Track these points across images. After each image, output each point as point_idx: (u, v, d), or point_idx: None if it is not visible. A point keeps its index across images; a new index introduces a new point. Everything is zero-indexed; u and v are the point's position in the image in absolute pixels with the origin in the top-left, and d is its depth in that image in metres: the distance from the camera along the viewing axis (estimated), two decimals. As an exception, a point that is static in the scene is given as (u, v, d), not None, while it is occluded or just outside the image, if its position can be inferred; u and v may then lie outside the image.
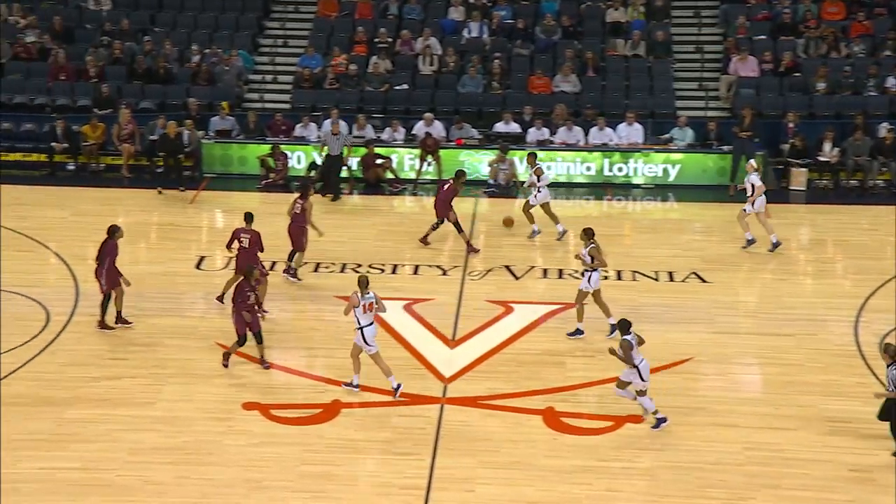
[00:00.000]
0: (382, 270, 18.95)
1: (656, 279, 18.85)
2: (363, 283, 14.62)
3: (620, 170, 23.77)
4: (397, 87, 25.54)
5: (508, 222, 20.57)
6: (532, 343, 16.40)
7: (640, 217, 22.38)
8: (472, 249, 19.50)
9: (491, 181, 23.18)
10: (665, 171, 23.70)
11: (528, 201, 20.23)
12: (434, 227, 19.70)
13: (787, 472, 13.20)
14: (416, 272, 18.97)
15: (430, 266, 19.16)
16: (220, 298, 17.08)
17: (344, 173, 22.63)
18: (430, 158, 23.36)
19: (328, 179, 22.26)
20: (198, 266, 18.98)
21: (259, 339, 15.31)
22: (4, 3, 26.64)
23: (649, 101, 25.38)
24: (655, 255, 19.81)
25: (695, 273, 19.06)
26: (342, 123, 23.01)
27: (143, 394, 14.75)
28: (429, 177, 23.39)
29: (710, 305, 17.78)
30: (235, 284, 15.54)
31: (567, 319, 16.86)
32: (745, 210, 19.69)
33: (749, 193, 19.56)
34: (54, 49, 25.35)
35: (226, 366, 15.32)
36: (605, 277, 18.83)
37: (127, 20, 26.51)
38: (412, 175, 23.44)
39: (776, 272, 19.25)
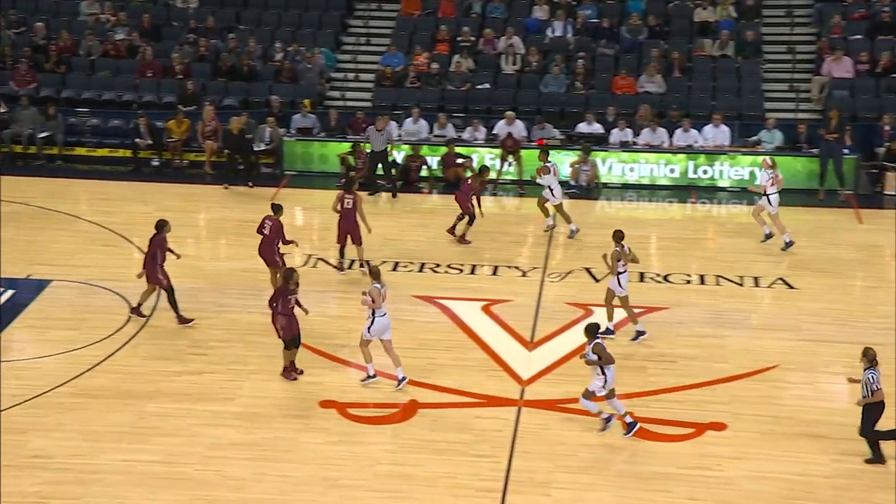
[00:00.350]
0: (461, 270, 19.00)
1: (741, 284, 18.59)
2: (376, 274, 14.92)
3: (705, 172, 23.48)
4: (479, 87, 25.58)
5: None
6: (612, 347, 16.25)
7: (725, 221, 22.08)
8: (463, 241, 19.71)
9: (572, 182, 23.09)
10: (752, 174, 23.35)
11: (543, 196, 20.31)
12: (460, 219, 19.79)
13: (878, 486, 12.91)
14: (494, 273, 18.98)
15: (509, 267, 19.15)
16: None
17: (382, 171, 22.72)
18: (510, 159, 23.35)
19: (370, 175, 22.37)
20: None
21: (288, 346, 15.12)
22: (97, 2, 27.27)
23: (737, 102, 25.03)
24: (740, 259, 19.54)
25: (781, 279, 18.75)
26: (392, 124, 23.32)
27: (222, 389, 15.00)
28: (509, 177, 23.37)
29: (798, 312, 17.48)
30: (276, 289, 15.52)
31: (648, 323, 16.71)
32: (759, 205, 19.90)
33: (764, 191, 19.72)
34: (142, 46, 25.88)
35: (293, 378, 15.30)
36: (688, 281, 18.65)
37: (213, 18, 26.97)
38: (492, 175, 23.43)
39: (868, 279, 18.85)
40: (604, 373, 13.83)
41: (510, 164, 23.34)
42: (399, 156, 23.56)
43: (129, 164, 23.69)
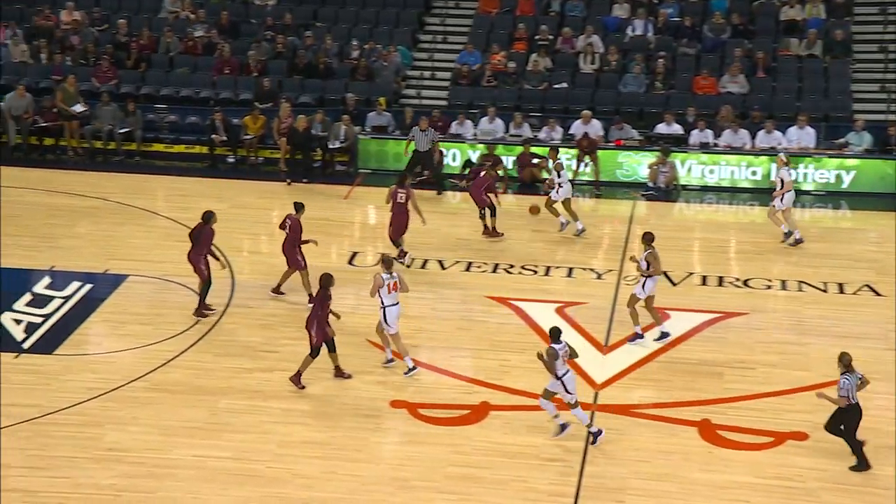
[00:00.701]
0: (535, 272, 18.91)
1: (824, 290, 18.22)
2: (387, 264, 15.23)
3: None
4: (556, 86, 25.45)
5: (535, 210, 20.54)
6: (688, 352, 16.09)
7: (809, 225, 21.65)
8: (494, 234, 19.84)
9: (650, 184, 22.85)
10: (838, 177, 22.88)
11: (549, 196, 20.21)
12: (482, 217, 19.86)
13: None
14: (569, 275, 18.86)
15: (584, 269, 19.02)
16: (277, 290, 17.54)
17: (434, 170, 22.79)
18: (587, 159, 23.17)
19: (409, 172, 22.21)
20: (350, 262, 19.33)
21: (315, 353, 15.07)
22: (179, 1, 27.69)
23: (823, 103, 24.54)
24: (824, 265, 19.15)
25: (868, 285, 18.34)
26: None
27: (293, 387, 15.10)
28: (585, 178, 23.21)
29: (884, 320, 17.08)
30: (315, 296, 15.37)
31: (727, 329, 16.46)
32: (773, 206, 19.72)
33: (778, 188, 19.49)
34: (220, 44, 26.23)
35: (346, 375, 15.26)
36: (769, 287, 18.33)
37: (290, 15, 27.22)
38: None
39: (959, 287, 18.36)
40: (559, 378, 13.59)
41: (586, 165, 23.17)
42: (474, 155, 23.54)
43: (205, 161, 24.03)
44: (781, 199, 19.64)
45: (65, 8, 27.10)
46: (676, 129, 23.78)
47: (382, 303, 15.24)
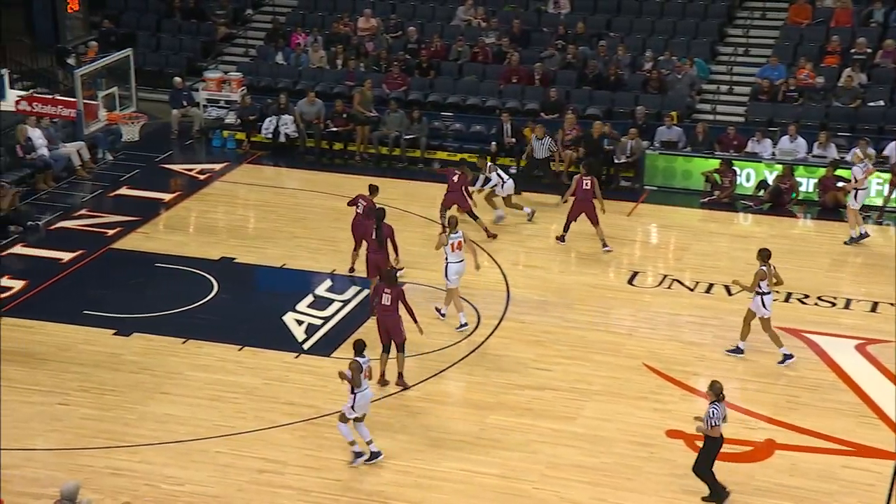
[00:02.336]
0: (833, 304, 18.09)
1: None
2: (452, 224, 17.06)
3: None
4: (871, 104, 24.23)
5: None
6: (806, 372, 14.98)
7: None
8: (490, 235, 20.41)
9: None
10: None
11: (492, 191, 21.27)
12: (477, 220, 20.33)
13: None
14: (873, 309, 17.90)
15: (891, 304, 17.98)
16: (351, 269, 18.70)
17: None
18: (901, 184, 21.89)
19: (525, 176, 22.82)
20: (630, 281, 19.19)
21: (387, 351, 15.46)
22: (472, 7, 28.50)
23: None
24: None
25: None
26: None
27: (565, 408, 15.17)
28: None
29: None
30: (374, 286, 15.86)
31: None
32: (849, 205, 19.77)
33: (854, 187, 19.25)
34: (510, 52, 26.73)
35: (385, 382, 15.55)
36: None
37: (583, 24, 27.38)
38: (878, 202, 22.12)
39: None
40: (353, 393, 13.60)
41: (900, 191, 21.88)
42: (770, 176, 22.80)
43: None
44: (855, 198, 19.86)
45: (362, 15, 28.46)
46: None
47: (447, 259, 16.87)
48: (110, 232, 20.49)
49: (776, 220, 21.82)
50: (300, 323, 17.60)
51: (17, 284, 18.63)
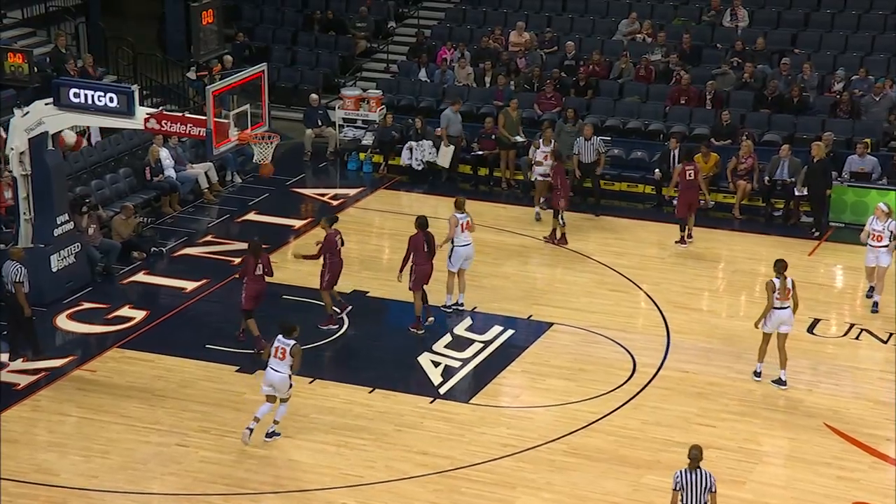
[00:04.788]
0: None
1: None
2: (459, 204, 18.84)
3: None
4: None
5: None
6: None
7: None
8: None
9: None
10: None
11: None
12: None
13: None
14: None
15: None
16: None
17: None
18: None
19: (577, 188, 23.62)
20: (810, 330, 18.86)
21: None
22: (637, 22, 28.42)
23: None
24: None
25: None
26: (598, 139, 23.85)
27: (731, 470, 15.01)
28: None
29: None
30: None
31: None
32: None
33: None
34: (678, 70, 26.59)
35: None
36: None
37: (763, 39, 27.08)
38: None
39: None
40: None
41: None
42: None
43: (649, 202, 24.33)
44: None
45: (514, 28, 28.67)
46: None
47: (453, 242, 18.62)
48: (236, 260, 21.12)
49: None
50: (437, 364, 17.84)
51: (139, 315, 19.39)
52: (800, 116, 25.32)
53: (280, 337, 15.54)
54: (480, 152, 25.35)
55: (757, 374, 17.23)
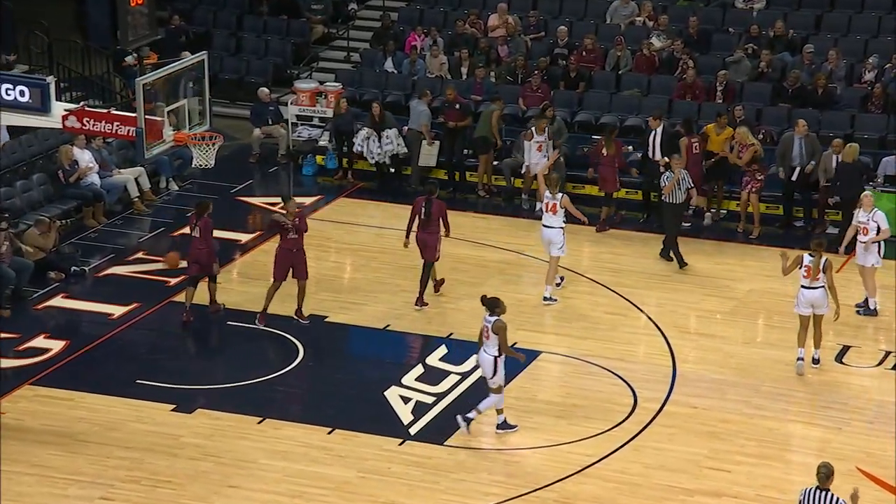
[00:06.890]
0: None
1: None
2: (553, 184, 20.28)
3: None
4: None
5: None
6: None
7: None
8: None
9: None
10: None
11: None
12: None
13: None
14: None
15: None
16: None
17: None
18: None
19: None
20: (839, 359, 18.95)
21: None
22: (633, 2, 28.48)
23: None
24: None
25: None
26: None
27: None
28: None
29: None
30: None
31: None
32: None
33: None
34: (684, 58, 26.63)
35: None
36: None
37: (782, 23, 27.18)
38: None
39: None
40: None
41: None
42: None
43: (642, 213, 24.26)
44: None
45: (494, 11, 28.51)
46: None
47: (544, 223, 20.28)
48: (172, 281, 21.06)
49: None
50: (406, 400, 17.84)
51: (56, 346, 19.29)
52: (825, 112, 25.42)
53: (486, 315, 16.43)
54: (450, 124, 25.10)
55: (800, 359, 18.23)
